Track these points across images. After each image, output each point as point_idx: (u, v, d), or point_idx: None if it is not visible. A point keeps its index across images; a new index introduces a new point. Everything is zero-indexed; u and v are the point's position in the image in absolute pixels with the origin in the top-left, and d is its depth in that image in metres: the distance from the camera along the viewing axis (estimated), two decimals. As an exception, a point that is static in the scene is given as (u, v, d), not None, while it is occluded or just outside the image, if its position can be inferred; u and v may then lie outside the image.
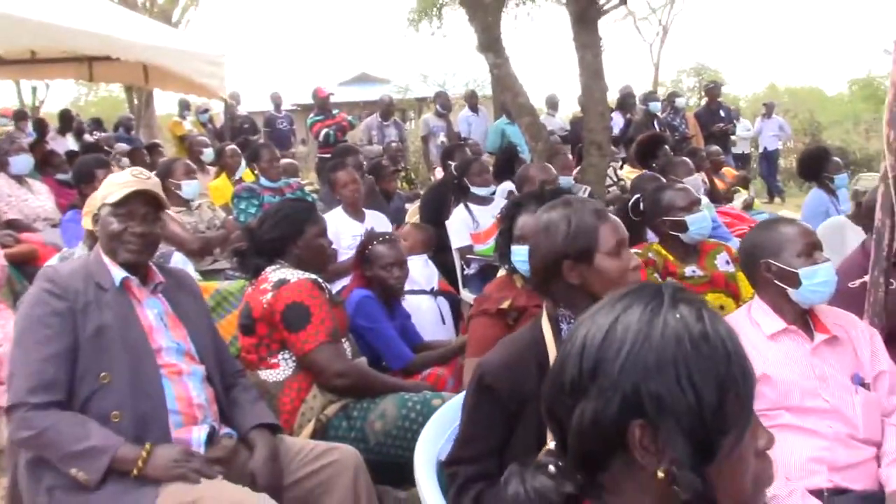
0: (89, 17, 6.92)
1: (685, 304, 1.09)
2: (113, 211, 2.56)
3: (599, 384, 1.07)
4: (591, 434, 1.08)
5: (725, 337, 1.07)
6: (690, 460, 1.03)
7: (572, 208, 2.14)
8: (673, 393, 1.03)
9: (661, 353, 1.04)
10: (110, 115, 18.64)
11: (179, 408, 2.50)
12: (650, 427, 1.04)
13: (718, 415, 1.04)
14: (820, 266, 2.51)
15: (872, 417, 2.42)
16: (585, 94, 6.34)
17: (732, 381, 1.05)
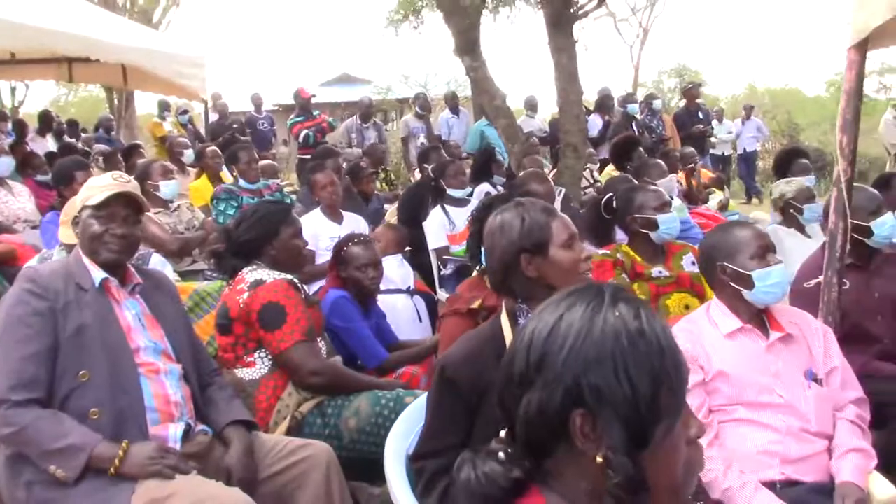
0: (69, 19, 6.92)
1: (624, 303, 1.17)
2: (94, 213, 2.62)
3: (544, 376, 1.15)
4: (537, 422, 1.17)
5: (660, 333, 1.16)
6: (625, 447, 1.12)
7: (524, 207, 2.29)
8: (611, 384, 1.12)
9: (601, 348, 1.13)
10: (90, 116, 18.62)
11: (157, 405, 2.57)
12: (590, 416, 1.12)
13: (652, 405, 1.12)
14: (772, 268, 2.62)
15: (824, 411, 2.53)
16: (561, 96, 6.44)
17: (665, 374, 1.14)
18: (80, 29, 6.86)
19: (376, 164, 8.77)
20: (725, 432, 2.53)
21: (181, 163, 8.04)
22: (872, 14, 2.51)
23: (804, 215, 4.72)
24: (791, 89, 39.47)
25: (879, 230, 3.54)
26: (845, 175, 2.71)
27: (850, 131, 2.70)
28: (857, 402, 2.61)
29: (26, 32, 5.83)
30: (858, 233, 3.55)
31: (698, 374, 2.56)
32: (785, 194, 4.86)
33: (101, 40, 7.06)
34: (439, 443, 2.10)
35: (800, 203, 4.77)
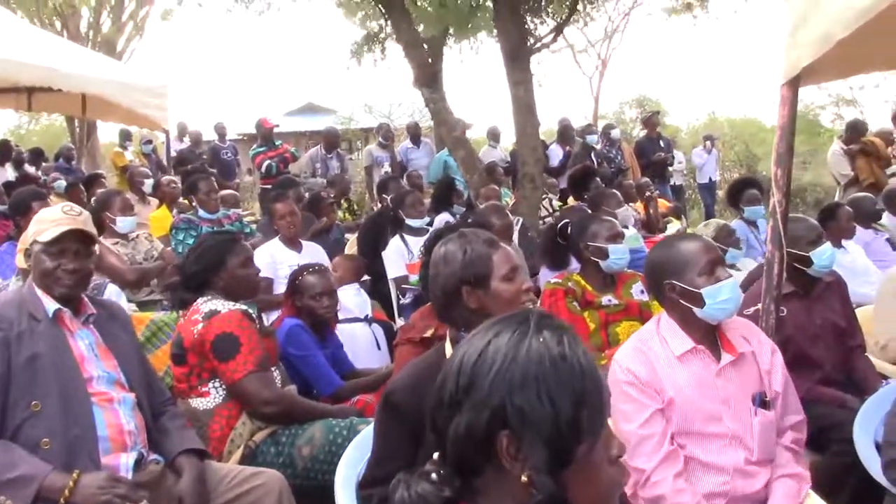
0: (29, 48, 6.92)
1: (548, 330, 1.24)
2: (45, 249, 2.65)
3: (472, 399, 1.22)
4: (466, 443, 1.23)
5: (582, 358, 1.23)
6: (548, 466, 1.18)
7: (467, 239, 2.32)
8: (533, 406, 1.18)
9: (525, 372, 1.20)
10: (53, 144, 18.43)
11: (109, 434, 2.59)
12: (515, 437, 1.19)
13: (573, 425, 1.19)
14: (723, 284, 2.54)
15: (767, 439, 2.54)
16: (518, 128, 6.57)
17: (586, 396, 1.21)
18: (40, 58, 6.85)
19: (341, 194, 8.81)
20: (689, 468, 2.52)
21: (142, 192, 8.05)
22: (802, 53, 2.62)
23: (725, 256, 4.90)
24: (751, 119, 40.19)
25: (819, 259, 3.65)
26: (780, 207, 2.81)
27: (784, 164, 2.81)
28: (796, 426, 2.64)
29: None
30: (799, 262, 3.67)
31: (655, 401, 2.51)
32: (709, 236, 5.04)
33: (62, 70, 7.05)
34: (385, 470, 2.12)
35: (721, 242, 4.92)
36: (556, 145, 11.66)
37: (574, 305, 3.68)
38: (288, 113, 26.27)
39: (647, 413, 2.50)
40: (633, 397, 2.52)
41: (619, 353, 2.66)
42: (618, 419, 2.56)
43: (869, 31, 2.54)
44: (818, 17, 2.54)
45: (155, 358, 4.11)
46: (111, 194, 5.60)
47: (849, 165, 9.51)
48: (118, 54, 17.49)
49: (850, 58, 2.86)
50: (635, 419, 2.51)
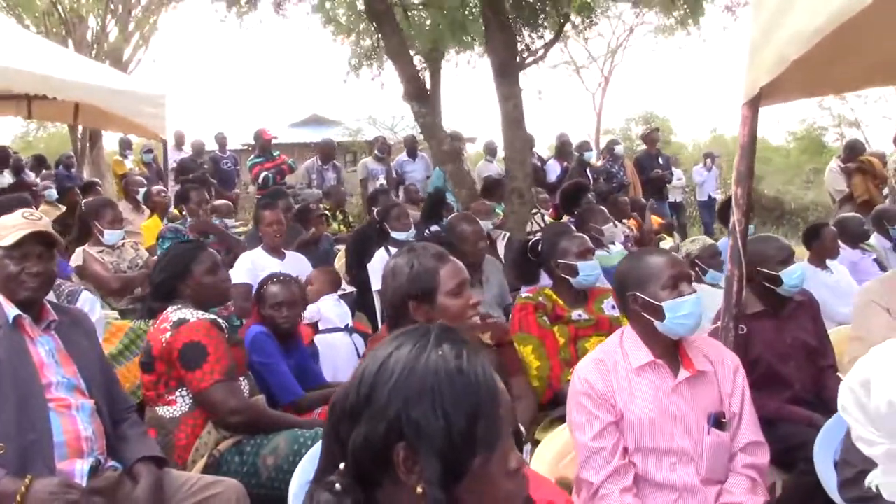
0: (26, 56, 6.99)
1: (448, 343, 1.26)
2: (8, 254, 2.68)
3: (371, 410, 1.23)
4: (364, 454, 1.24)
5: (479, 372, 1.24)
6: (440, 479, 1.19)
7: (415, 253, 2.34)
8: (428, 419, 1.20)
9: (421, 385, 1.21)
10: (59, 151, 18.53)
11: (66, 440, 2.61)
12: (410, 449, 1.20)
13: (468, 439, 1.20)
14: (685, 299, 2.55)
15: (718, 459, 2.54)
16: (507, 143, 6.60)
17: (481, 410, 1.22)
18: (35, 66, 6.92)
19: (336, 205, 8.86)
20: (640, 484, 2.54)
21: (136, 201, 8.11)
22: (760, 74, 2.65)
23: (706, 276, 4.93)
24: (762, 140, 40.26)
25: (788, 279, 3.66)
26: (740, 225, 2.83)
27: (745, 184, 2.83)
28: (750, 448, 2.62)
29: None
30: (769, 281, 3.69)
31: (609, 414, 2.53)
32: (691, 252, 5.08)
33: (59, 78, 7.12)
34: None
35: (703, 262, 5.01)
36: (553, 161, 11.71)
37: (544, 320, 3.69)
38: (293, 124, 26.44)
39: (600, 426, 2.52)
40: (588, 409, 2.55)
41: (580, 364, 2.69)
42: (573, 429, 2.60)
43: (827, 54, 2.58)
44: (775, 40, 2.57)
45: (133, 365, 4.14)
46: (102, 204, 5.64)
47: (844, 182, 9.58)
48: (124, 64, 17.64)
49: (811, 79, 2.88)
50: (588, 431, 2.53)
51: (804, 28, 2.43)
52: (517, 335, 3.67)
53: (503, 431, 1.25)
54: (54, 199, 9.16)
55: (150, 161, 11.80)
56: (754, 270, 3.75)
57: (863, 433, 1.51)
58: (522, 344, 3.62)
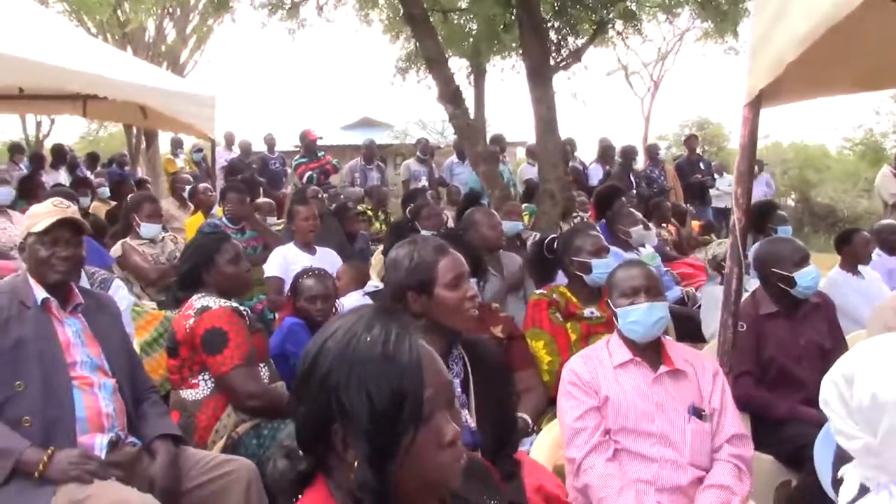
0: (79, 56, 7.25)
1: (378, 326, 1.33)
2: (39, 239, 2.86)
3: (309, 392, 1.33)
4: (308, 431, 1.35)
5: (406, 355, 1.31)
6: (369, 457, 1.27)
7: (416, 245, 2.43)
8: (354, 403, 1.28)
9: (349, 370, 1.29)
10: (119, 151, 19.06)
11: (88, 416, 2.78)
12: (343, 429, 1.29)
13: (392, 419, 1.27)
14: (634, 308, 2.84)
15: (700, 445, 2.70)
16: (539, 145, 6.68)
17: (406, 391, 1.28)
18: (89, 67, 7.18)
19: (378, 205, 9.03)
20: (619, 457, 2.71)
21: (182, 198, 8.37)
22: (759, 76, 2.71)
23: None
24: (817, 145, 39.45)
25: (802, 281, 3.70)
26: (740, 224, 2.89)
27: (745, 183, 2.89)
28: (734, 439, 2.75)
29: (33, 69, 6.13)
30: (783, 282, 3.73)
31: (593, 399, 2.76)
32: (717, 255, 5.11)
33: (110, 78, 7.37)
34: None
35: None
36: (596, 164, 11.72)
37: (556, 316, 3.77)
38: (344, 127, 26.71)
39: (583, 409, 2.73)
40: (573, 395, 2.77)
41: (570, 360, 2.91)
42: (560, 415, 2.82)
43: (824, 57, 2.63)
44: (772, 43, 2.63)
45: (162, 355, 4.32)
46: (142, 199, 5.86)
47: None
48: (181, 66, 18.10)
49: (809, 81, 2.93)
50: (572, 414, 2.74)
51: (798, 31, 2.49)
52: (530, 330, 3.76)
53: (433, 408, 1.31)
54: (107, 197, 9.51)
55: (200, 160, 12.11)
56: (769, 271, 3.80)
57: (842, 427, 1.53)
58: (535, 339, 3.72)
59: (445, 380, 1.37)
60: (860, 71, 3.01)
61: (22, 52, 5.92)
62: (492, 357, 2.60)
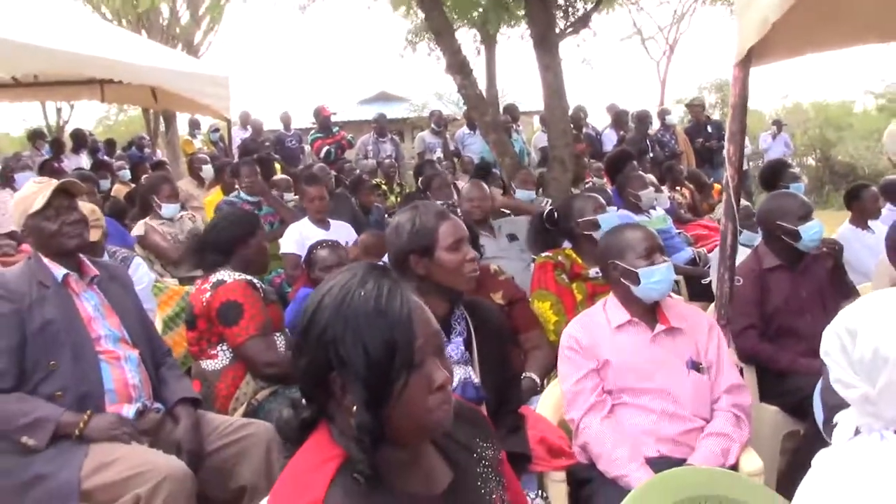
0: (95, 41, 7.37)
1: (372, 282, 1.45)
2: (42, 215, 2.94)
3: (309, 345, 1.45)
4: (309, 380, 1.48)
5: (397, 308, 1.42)
6: (366, 402, 1.39)
7: (418, 211, 2.55)
8: (351, 353, 1.39)
9: (345, 323, 1.41)
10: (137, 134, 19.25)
11: (115, 388, 2.93)
12: (341, 378, 1.42)
13: (386, 366, 1.39)
14: (656, 267, 2.87)
15: (700, 397, 2.80)
16: (548, 112, 6.73)
17: (398, 341, 1.40)
18: (104, 52, 7.30)
19: (386, 178, 9.15)
20: (616, 413, 2.81)
21: (200, 178, 8.52)
22: (747, 36, 2.78)
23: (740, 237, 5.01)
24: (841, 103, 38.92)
25: (806, 234, 3.77)
26: (733, 181, 2.97)
27: (737, 142, 2.97)
28: (732, 389, 2.85)
29: (49, 56, 6.25)
30: (788, 236, 3.80)
31: (591, 362, 2.85)
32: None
33: (126, 62, 7.48)
34: None
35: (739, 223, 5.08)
36: (609, 130, 11.75)
37: (563, 278, 3.87)
38: (361, 101, 26.73)
39: (582, 373, 2.82)
40: (572, 360, 2.86)
41: (569, 325, 3.01)
42: (560, 380, 2.92)
43: (809, 16, 2.70)
44: (757, 3, 2.69)
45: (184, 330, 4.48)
46: (160, 180, 6.02)
47: (905, 146, 9.42)
48: (195, 47, 18.20)
49: (796, 40, 2.99)
50: (571, 378, 2.84)
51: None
52: (537, 292, 3.86)
53: (423, 356, 1.42)
54: (127, 180, 9.68)
55: (217, 140, 12.24)
56: (774, 225, 3.87)
57: (842, 376, 1.58)
58: (541, 300, 3.82)
59: (434, 330, 1.48)
60: (847, 27, 3.07)
61: (40, 41, 6.04)
62: (493, 317, 2.72)
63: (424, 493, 1.49)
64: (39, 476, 2.70)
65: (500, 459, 1.67)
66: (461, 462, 1.58)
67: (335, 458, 1.42)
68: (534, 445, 2.58)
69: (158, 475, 2.64)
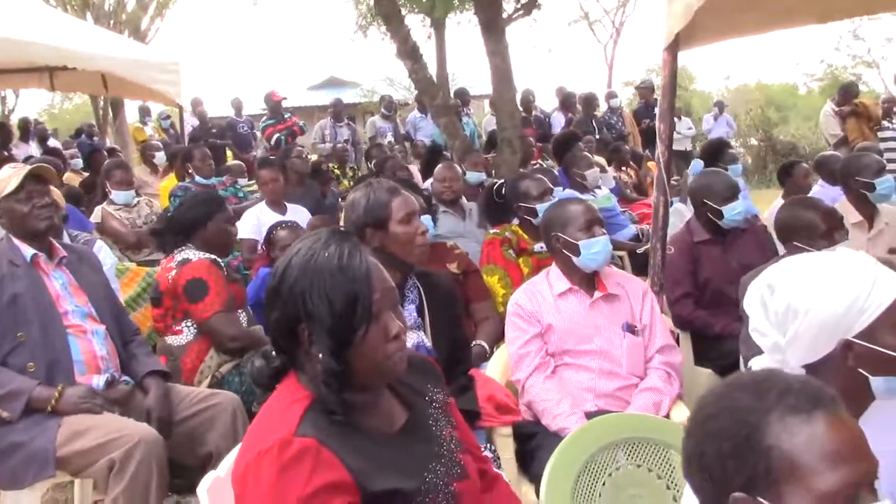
0: (44, 29, 7.35)
1: (335, 244, 1.64)
2: (14, 198, 3.08)
3: (280, 299, 1.64)
4: (279, 332, 1.67)
5: (357, 267, 1.61)
6: (331, 349, 1.59)
7: (371, 187, 2.74)
8: (317, 305, 1.59)
9: (312, 279, 1.61)
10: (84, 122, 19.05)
11: (84, 359, 3.08)
12: (309, 328, 1.61)
13: (348, 317, 1.59)
14: (595, 239, 3.09)
15: (635, 357, 3.05)
16: (496, 96, 6.95)
17: (358, 295, 1.59)
18: (54, 39, 7.29)
19: (339, 162, 9.30)
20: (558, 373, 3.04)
21: (153, 165, 8.58)
22: (674, 22, 3.01)
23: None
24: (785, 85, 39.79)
25: (728, 214, 4.03)
26: (663, 157, 3.21)
27: (666, 120, 3.20)
28: (664, 349, 3.10)
29: (0, 44, 6.28)
30: (713, 214, 4.07)
31: (535, 327, 3.07)
32: None
33: (76, 50, 7.48)
34: None
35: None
36: (557, 112, 12.01)
37: (510, 253, 4.10)
38: (311, 87, 26.73)
39: (527, 337, 3.04)
40: (518, 325, 3.08)
41: (515, 293, 3.23)
42: (507, 344, 3.15)
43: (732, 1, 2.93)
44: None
45: (148, 309, 4.61)
46: (111, 166, 6.12)
47: (839, 126, 9.78)
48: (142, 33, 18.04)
49: (722, 24, 3.23)
50: (517, 342, 3.06)
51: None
52: (486, 267, 4.09)
53: (380, 308, 1.62)
54: (80, 168, 9.67)
55: (168, 127, 12.25)
56: (701, 202, 4.13)
57: (759, 326, 1.75)
58: (490, 274, 4.05)
59: (390, 286, 1.69)
60: (767, 12, 3.31)
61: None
62: (443, 286, 2.93)
63: (384, 430, 1.70)
64: (16, 444, 2.85)
65: (448, 402, 1.88)
66: (415, 404, 1.79)
67: (304, 400, 1.62)
68: (482, 403, 2.79)
69: (131, 440, 2.80)
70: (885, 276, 1.66)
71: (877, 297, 1.62)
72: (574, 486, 2.14)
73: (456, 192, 5.42)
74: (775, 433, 1.16)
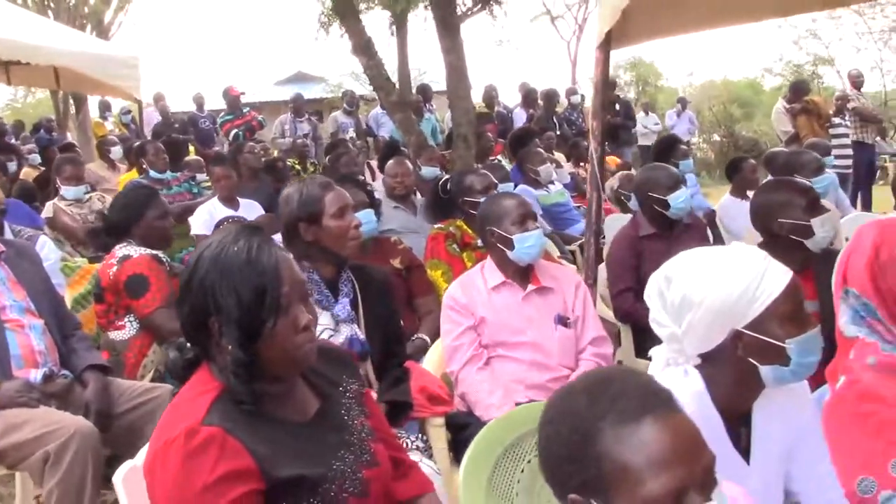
0: (1, 24, 7.32)
1: (244, 239, 1.69)
2: None
3: (191, 293, 1.68)
4: (191, 325, 1.71)
5: (265, 260, 1.66)
6: (239, 341, 1.63)
7: (305, 183, 2.79)
8: (226, 298, 1.63)
9: (221, 272, 1.65)
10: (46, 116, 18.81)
11: (22, 353, 3.09)
12: (219, 321, 1.65)
13: (256, 310, 1.63)
14: (529, 233, 3.15)
15: (566, 349, 3.12)
16: (451, 92, 6.99)
17: (266, 289, 1.64)
18: (8, 33, 7.25)
19: (299, 157, 9.32)
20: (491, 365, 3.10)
21: (111, 160, 8.54)
22: (604, 22, 3.08)
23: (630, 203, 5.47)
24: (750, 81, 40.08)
25: (674, 203, 4.10)
26: (596, 153, 3.28)
27: (599, 118, 3.27)
28: (595, 340, 3.18)
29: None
30: (659, 206, 4.14)
31: (469, 320, 3.13)
32: (613, 185, 5.58)
33: (33, 44, 7.44)
34: None
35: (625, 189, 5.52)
36: (519, 109, 12.10)
37: (454, 248, 4.16)
38: (277, 82, 26.56)
39: (460, 329, 3.10)
40: (451, 318, 3.14)
41: (450, 286, 3.29)
42: (441, 336, 3.19)
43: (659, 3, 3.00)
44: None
45: (94, 308, 4.61)
46: (62, 161, 6.09)
47: (790, 123, 9.96)
48: (105, 28, 17.86)
49: (651, 24, 3.31)
50: (450, 335, 3.12)
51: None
52: (430, 261, 4.15)
53: (290, 301, 1.67)
54: (38, 164, 9.59)
55: (129, 122, 12.17)
56: (646, 195, 4.20)
57: (657, 316, 1.80)
58: (434, 269, 4.10)
59: (300, 279, 1.73)
60: (702, 11, 3.39)
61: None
62: (378, 279, 2.97)
63: (296, 419, 1.75)
64: (-50, 439, 2.86)
65: (363, 393, 1.93)
66: (329, 394, 1.84)
67: (213, 390, 1.67)
68: (415, 395, 2.85)
69: (67, 432, 2.81)
70: (775, 268, 1.72)
71: (766, 288, 1.68)
72: (492, 471, 2.19)
73: (407, 187, 5.45)
74: (606, 441, 1.20)
